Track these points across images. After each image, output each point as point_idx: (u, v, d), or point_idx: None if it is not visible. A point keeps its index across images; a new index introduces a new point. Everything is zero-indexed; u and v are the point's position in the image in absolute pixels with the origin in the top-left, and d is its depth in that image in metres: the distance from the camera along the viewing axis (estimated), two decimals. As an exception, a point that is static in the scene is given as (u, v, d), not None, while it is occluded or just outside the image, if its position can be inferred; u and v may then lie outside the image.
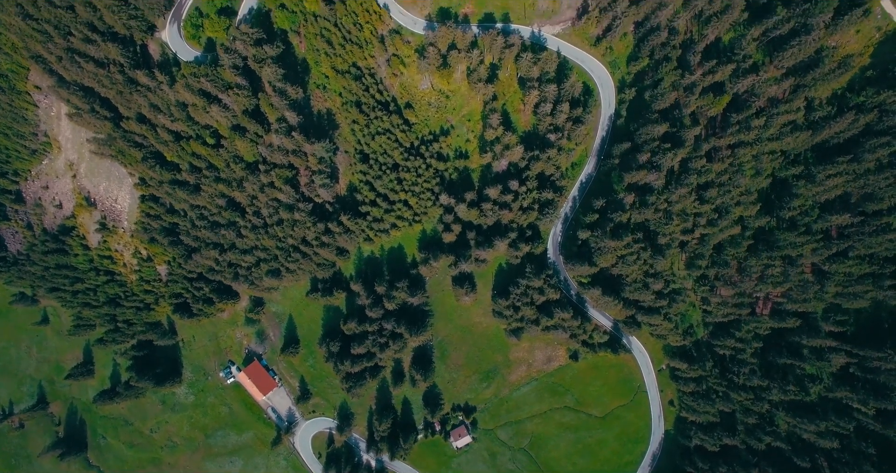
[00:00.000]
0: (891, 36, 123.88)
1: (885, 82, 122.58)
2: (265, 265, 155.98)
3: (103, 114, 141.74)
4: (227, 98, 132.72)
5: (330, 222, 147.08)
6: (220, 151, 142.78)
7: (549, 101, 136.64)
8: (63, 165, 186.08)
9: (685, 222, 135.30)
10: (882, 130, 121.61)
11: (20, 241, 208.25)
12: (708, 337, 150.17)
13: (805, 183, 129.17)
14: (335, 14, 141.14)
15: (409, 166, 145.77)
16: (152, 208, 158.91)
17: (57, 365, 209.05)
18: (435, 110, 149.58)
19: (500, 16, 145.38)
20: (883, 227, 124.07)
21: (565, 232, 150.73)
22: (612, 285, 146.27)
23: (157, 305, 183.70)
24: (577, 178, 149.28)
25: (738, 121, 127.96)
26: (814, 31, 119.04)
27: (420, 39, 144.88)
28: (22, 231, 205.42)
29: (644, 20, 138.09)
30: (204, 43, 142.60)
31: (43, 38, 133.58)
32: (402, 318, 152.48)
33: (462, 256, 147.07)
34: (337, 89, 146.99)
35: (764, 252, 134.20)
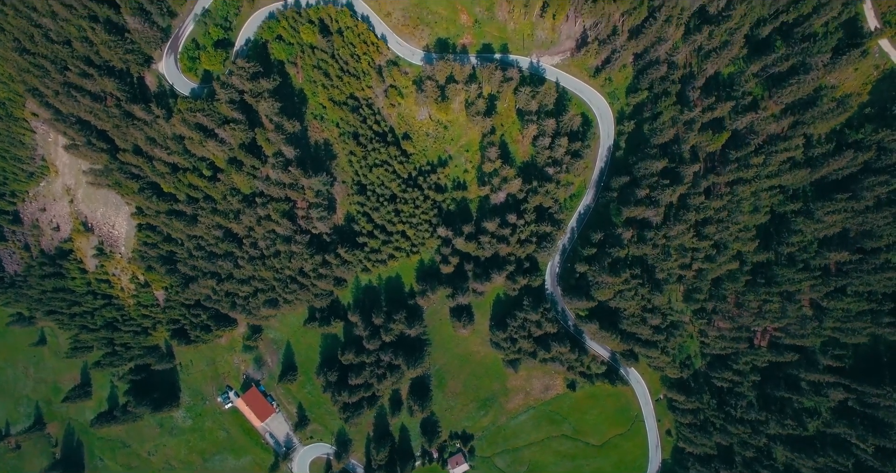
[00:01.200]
0: (888, 74, 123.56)
1: (883, 120, 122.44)
2: (262, 295, 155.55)
3: (100, 146, 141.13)
4: (223, 133, 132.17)
5: (327, 253, 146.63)
6: (217, 184, 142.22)
7: (548, 134, 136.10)
8: (60, 188, 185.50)
9: (683, 257, 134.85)
10: (881, 167, 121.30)
11: (17, 262, 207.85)
12: (706, 368, 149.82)
13: (804, 219, 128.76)
14: (332, 45, 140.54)
15: (407, 198, 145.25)
16: (149, 236, 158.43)
17: (54, 386, 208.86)
18: (433, 141, 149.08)
19: (499, 46, 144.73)
20: (882, 265, 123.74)
21: (563, 264, 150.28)
22: (609, 318, 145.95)
23: (154, 330, 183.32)
24: (576, 209, 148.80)
25: (737, 158, 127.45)
26: (812, 71, 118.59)
27: (418, 70, 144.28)
28: (19, 252, 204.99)
29: (643, 53, 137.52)
30: (201, 74, 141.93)
31: (39, 73, 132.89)
32: (399, 349, 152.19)
33: (460, 288, 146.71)
34: (334, 120, 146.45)
35: (762, 288, 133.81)
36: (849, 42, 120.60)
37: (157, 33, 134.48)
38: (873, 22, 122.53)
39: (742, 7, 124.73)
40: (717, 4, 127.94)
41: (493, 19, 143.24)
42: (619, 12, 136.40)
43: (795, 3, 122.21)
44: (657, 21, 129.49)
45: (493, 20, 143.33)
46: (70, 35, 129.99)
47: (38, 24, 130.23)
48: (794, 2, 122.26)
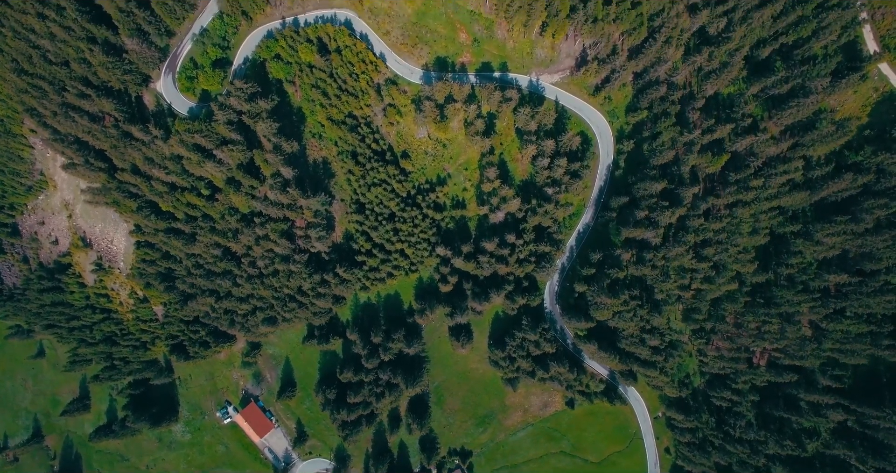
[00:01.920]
0: (888, 97, 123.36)
1: (882, 143, 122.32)
2: (261, 314, 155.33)
3: (98, 165, 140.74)
4: (221, 153, 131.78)
5: (326, 272, 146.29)
6: (215, 203, 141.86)
7: (547, 155, 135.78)
8: (59, 202, 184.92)
9: (682, 278, 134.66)
10: (880, 190, 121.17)
11: (16, 274, 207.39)
12: (704, 386, 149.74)
13: (803, 241, 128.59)
14: (330, 64, 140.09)
15: (406, 217, 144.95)
16: (148, 253, 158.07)
17: (53, 398, 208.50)
18: (432, 159, 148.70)
19: (498, 65, 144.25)
20: (881, 287, 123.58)
21: (562, 282, 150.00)
22: (608, 338, 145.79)
23: (153, 345, 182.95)
24: (575, 227, 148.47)
25: (737, 180, 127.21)
26: (812, 95, 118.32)
27: (416, 89, 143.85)
28: (18, 265, 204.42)
29: (643, 72, 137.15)
30: (199, 93, 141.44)
31: (37, 94, 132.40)
32: (398, 367, 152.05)
33: (458, 307, 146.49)
34: (332, 138, 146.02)
35: (761, 309, 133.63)
36: (848, 65, 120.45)
37: (155, 53, 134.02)
38: (872, 45, 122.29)
39: (742, 29, 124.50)
40: (716, 26, 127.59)
41: (492, 38, 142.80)
42: (618, 32, 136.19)
43: (795, 26, 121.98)
44: (657, 42, 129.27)
45: (493, 38, 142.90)
46: (68, 56, 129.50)
47: (36, 45, 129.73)
48: (794, 24, 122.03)
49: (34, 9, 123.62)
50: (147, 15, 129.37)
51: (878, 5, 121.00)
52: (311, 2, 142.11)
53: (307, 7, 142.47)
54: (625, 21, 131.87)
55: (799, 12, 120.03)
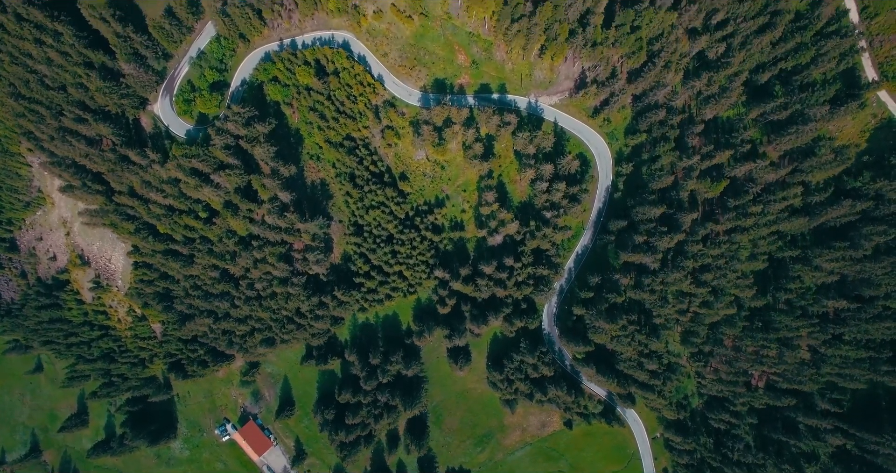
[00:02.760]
0: (886, 123, 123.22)
1: (881, 169, 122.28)
2: (259, 335, 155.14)
3: (95, 188, 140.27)
4: (218, 178, 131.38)
5: (324, 295, 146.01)
6: (213, 226, 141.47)
7: (546, 179, 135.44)
8: (57, 219, 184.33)
9: (681, 303, 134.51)
10: (879, 217, 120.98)
11: (14, 289, 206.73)
12: (703, 407, 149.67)
13: (802, 266, 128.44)
14: (328, 87, 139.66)
15: (404, 239, 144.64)
16: (146, 274, 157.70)
17: (51, 413, 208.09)
18: (430, 180, 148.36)
19: (497, 86, 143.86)
20: (880, 314, 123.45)
21: (561, 304, 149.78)
22: (606, 360, 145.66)
23: (151, 362, 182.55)
24: (573, 249, 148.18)
25: (736, 206, 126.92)
26: (811, 123, 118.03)
27: (415, 111, 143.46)
28: (16, 280, 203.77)
29: (642, 95, 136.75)
30: (196, 116, 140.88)
31: (35, 118, 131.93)
32: (396, 388, 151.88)
33: (457, 330, 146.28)
34: (331, 160, 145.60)
35: (759, 333, 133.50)
36: (847, 92, 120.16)
37: (153, 77, 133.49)
38: (871, 72, 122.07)
39: (741, 54, 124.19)
40: (716, 50, 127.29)
41: (490, 59, 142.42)
42: (617, 55, 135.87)
43: (794, 52, 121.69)
44: (656, 66, 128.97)
45: (491, 60, 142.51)
46: (65, 81, 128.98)
47: (33, 70, 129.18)
48: (794, 51, 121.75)
49: (31, 34, 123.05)
50: (144, 39, 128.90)
51: (876, 32, 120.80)
52: (308, 23, 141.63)
53: (305, 29, 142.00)
54: (624, 45, 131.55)
55: (798, 39, 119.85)
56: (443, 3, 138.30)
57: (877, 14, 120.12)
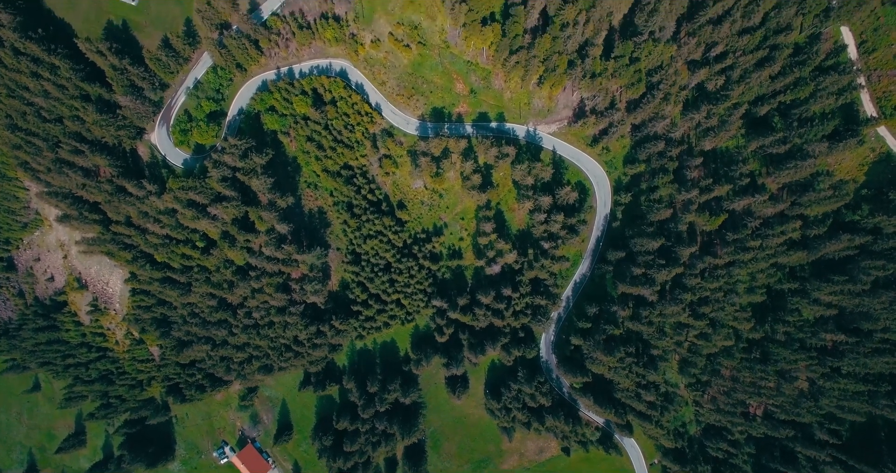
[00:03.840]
0: (884, 157, 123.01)
1: (879, 203, 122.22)
2: (257, 362, 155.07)
3: (92, 218, 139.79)
4: (215, 210, 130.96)
5: (322, 323, 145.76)
6: (211, 256, 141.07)
7: (544, 210, 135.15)
8: (54, 241, 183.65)
9: (679, 335, 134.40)
10: (877, 251, 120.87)
11: (11, 308, 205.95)
12: (700, 435, 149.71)
13: (800, 299, 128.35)
14: (325, 116, 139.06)
15: (402, 268, 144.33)
16: (143, 300, 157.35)
17: (48, 433, 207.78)
18: (428, 209, 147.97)
19: (495, 115, 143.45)
20: (878, 348, 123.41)
21: (558, 333, 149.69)
22: (604, 389, 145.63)
23: (149, 385, 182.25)
24: (571, 278, 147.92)
25: (734, 240, 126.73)
26: (810, 158, 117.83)
27: (413, 140, 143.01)
28: (13, 299, 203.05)
29: (641, 125, 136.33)
30: (193, 145, 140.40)
31: (31, 150, 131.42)
32: (394, 416, 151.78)
33: (454, 358, 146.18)
34: (328, 189, 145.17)
35: (757, 365, 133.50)
36: (846, 128, 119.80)
37: (149, 107, 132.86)
38: (869, 106, 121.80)
39: (740, 87, 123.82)
40: (715, 82, 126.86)
41: (489, 88, 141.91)
42: (616, 85, 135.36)
43: (793, 87, 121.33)
44: (655, 98, 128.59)
45: (490, 89, 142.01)
46: (62, 113, 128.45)
47: (30, 102, 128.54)
48: (792, 85, 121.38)
49: (28, 68, 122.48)
50: (141, 71, 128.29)
51: (874, 67, 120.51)
52: (306, 52, 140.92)
53: (302, 57, 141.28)
54: (623, 76, 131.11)
55: (797, 74, 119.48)
56: (441, 32, 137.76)
57: (875, 49, 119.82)
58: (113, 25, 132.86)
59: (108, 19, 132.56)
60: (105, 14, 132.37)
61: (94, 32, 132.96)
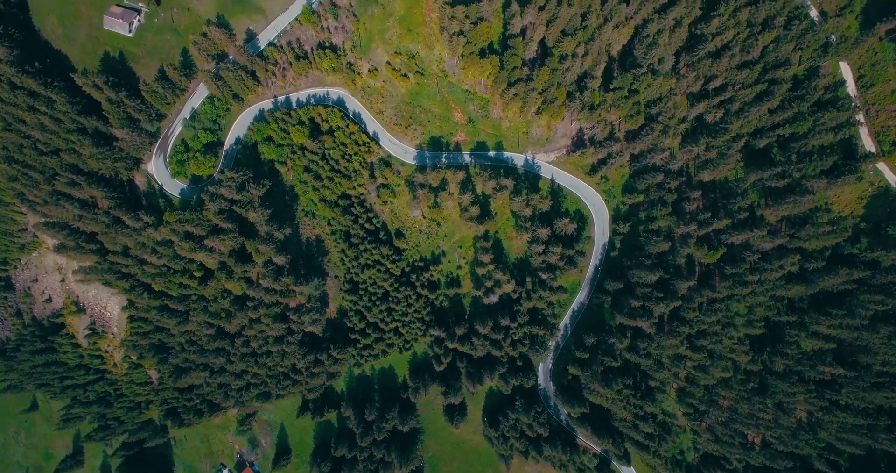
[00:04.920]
0: (882, 191, 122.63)
1: (877, 236, 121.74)
2: (255, 390, 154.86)
3: (89, 248, 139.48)
4: (212, 242, 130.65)
5: (320, 352, 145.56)
6: (208, 286, 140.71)
7: (542, 241, 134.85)
8: (52, 263, 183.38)
9: (677, 367, 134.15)
10: (876, 286, 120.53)
11: (9, 328, 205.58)
12: (699, 462, 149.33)
13: (799, 331, 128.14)
14: (323, 146, 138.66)
15: (400, 297, 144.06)
16: (141, 326, 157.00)
17: (46, 452, 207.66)
18: (426, 237, 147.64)
19: (494, 144, 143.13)
20: (877, 383, 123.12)
21: (556, 361, 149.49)
22: (602, 417, 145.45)
23: (147, 408, 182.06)
24: (570, 306, 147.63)
25: (733, 274, 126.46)
26: (808, 195, 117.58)
27: (410, 169, 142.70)
28: (10, 319, 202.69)
29: (640, 155, 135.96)
30: (190, 176, 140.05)
31: (28, 182, 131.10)
32: (392, 444, 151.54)
33: (452, 387, 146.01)
34: (326, 217, 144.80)
35: (756, 396, 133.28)
36: (844, 163, 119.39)
37: (146, 139, 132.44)
38: (868, 140, 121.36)
39: (740, 120, 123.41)
40: (714, 115, 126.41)
41: (487, 117, 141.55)
42: (615, 116, 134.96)
43: (792, 121, 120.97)
44: (654, 131, 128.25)
45: (488, 118, 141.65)
46: (58, 146, 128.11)
47: (27, 135, 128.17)
48: (791, 120, 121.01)
49: (25, 101, 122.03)
50: (137, 103, 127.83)
51: (872, 102, 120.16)
52: (303, 81, 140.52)
53: (299, 86, 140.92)
54: (622, 108, 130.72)
55: (795, 109, 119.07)
56: (439, 61, 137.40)
57: (873, 84, 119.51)
58: (110, 56, 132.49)
59: (105, 51, 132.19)
60: (102, 45, 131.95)
61: (91, 64, 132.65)
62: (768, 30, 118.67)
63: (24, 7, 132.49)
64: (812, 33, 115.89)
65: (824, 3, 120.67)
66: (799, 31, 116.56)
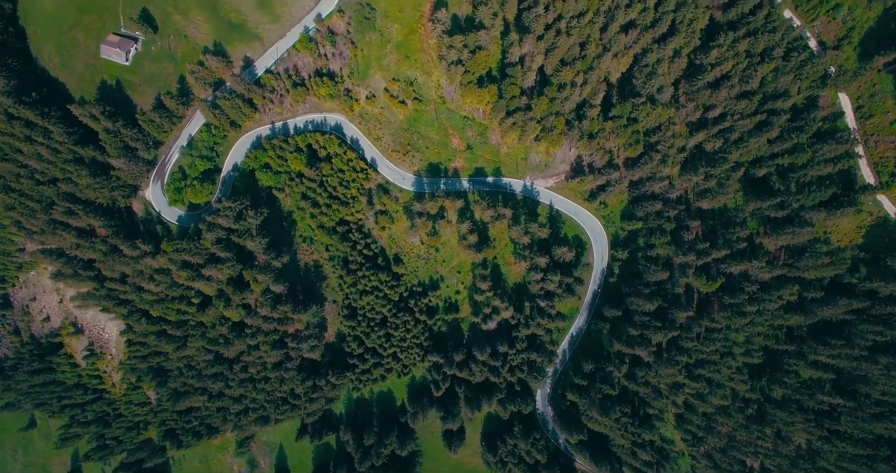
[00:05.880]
0: (881, 222, 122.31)
1: (876, 266, 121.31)
2: (254, 414, 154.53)
3: (87, 275, 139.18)
4: (210, 272, 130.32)
5: (318, 378, 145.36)
6: (207, 312, 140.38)
7: (540, 269, 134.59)
8: (50, 283, 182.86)
9: (675, 395, 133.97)
10: (875, 316, 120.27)
11: (7, 346, 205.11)
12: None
13: (797, 360, 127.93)
14: (320, 173, 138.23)
15: (398, 322, 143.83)
16: (139, 350, 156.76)
17: (44, 470, 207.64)
18: (424, 262, 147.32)
19: (492, 170, 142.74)
20: (877, 414, 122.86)
21: (555, 386, 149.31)
22: (600, 442, 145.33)
23: (146, 429, 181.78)
24: (568, 331, 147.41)
25: (731, 304, 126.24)
26: (807, 227, 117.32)
27: (409, 195, 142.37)
28: (9, 337, 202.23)
29: (639, 182, 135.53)
30: (188, 203, 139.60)
31: (25, 212, 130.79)
32: (390, 469, 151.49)
33: (450, 412, 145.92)
34: (324, 243, 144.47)
35: (754, 425, 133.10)
36: (844, 194, 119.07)
37: (143, 167, 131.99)
38: (867, 171, 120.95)
39: (739, 150, 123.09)
40: (713, 144, 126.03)
41: (485, 143, 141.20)
42: (615, 144, 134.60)
43: (791, 152, 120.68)
44: (653, 160, 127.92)
45: (486, 144, 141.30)
46: (55, 176, 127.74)
47: (23, 164, 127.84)
48: (790, 151, 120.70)
49: (22, 132, 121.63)
50: (134, 132, 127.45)
51: (871, 133, 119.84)
52: (300, 107, 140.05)
53: (297, 112, 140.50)
54: (621, 136, 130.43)
55: (795, 140, 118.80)
56: (437, 87, 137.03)
57: (871, 115, 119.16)
58: (107, 85, 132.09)
59: (102, 79, 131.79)
60: (99, 74, 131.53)
61: (88, 92, 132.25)
62: (767, 61, 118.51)
63: (22, 36, 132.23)
64: (811, 65, 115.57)
65: (823, 33, 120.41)
66: (798, 62, 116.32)
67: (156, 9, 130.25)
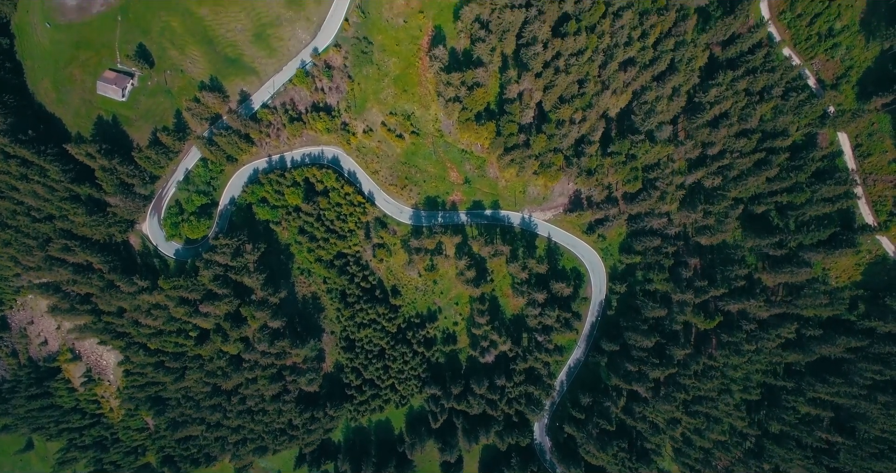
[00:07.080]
0: (880, 259, 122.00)
1: (875, 304, 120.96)
2: (251, 444, 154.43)
3: (83, 309, 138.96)
4: (207, 308, 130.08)
5: (316, 409, 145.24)
6: (204, 346, 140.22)
7: (538, 304, 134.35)
8: (47, 307, 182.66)
9: (673, 430, 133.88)
10: (873, 355, 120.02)
11: (4, 368, 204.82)
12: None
13: (796, 397, 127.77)
14: (318, 207, 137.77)
15: (396, 355, 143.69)
16: (137, 380, 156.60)
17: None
18: (422, 294, 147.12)
19: (490, 203, 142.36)
20: (875, 453, 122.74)
21: (552, 417, 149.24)
22: None
23: (143, 455, 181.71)
24: (566, 363, 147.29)
25: (729, 342, 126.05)
26: (805, 267, 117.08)
27: (406, 229, 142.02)
28: (6, 359, 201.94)
29: (637, 217, 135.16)
30: (185, 237, 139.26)
31: (21, 248, 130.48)
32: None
33: (448, 444, 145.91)
34: (321, 275, 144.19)
35: (752, 460, 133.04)
36: (842, 234, 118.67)
37: (140, 202, 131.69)
38: (865, 209, 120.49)
39: (738, 188, 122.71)
40: (712, 181, 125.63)
41: (483, 176, 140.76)
42: (613, 179, 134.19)
43: (790, 191, 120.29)
44: (652, 197, 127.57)
45: (484, 177, 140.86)
46: (52, 213, 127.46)
47: (20, 202, 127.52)
48: (789, 190, 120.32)
49: (18, 170, 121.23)
50: (130, 169, 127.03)
51: (870, 171, 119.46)
52: (297, 140, 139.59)
53: (294, 145, 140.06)
54: (620, 173, 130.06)
55: (793, 179, 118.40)
56: (434, 121, 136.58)
57: (870, 154, 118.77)
58: (103, 120, 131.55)
59: (98, 114, 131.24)
60: (95, 109, 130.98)
61: (85, 128, 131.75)
62: (766, 99, 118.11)
63: (19, 71, 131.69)
64: (810, 105, 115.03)
65: (821, 71, 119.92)
66: (797, 101, 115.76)
67: (152, 44, 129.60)
